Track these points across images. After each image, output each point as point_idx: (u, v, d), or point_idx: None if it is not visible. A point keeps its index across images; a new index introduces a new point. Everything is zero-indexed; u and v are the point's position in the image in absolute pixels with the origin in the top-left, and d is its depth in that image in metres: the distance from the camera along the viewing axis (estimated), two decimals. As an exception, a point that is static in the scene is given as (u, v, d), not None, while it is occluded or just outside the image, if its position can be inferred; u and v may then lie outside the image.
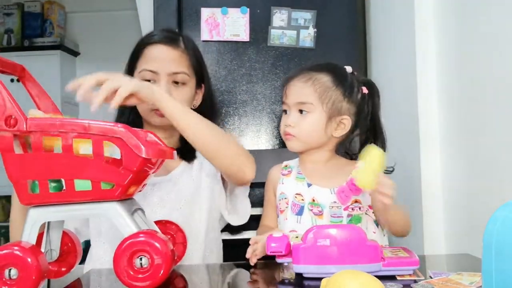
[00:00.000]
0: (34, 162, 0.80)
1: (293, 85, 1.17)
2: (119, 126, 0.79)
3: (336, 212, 1.11)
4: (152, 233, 0.80)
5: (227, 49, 1.79)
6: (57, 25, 3.99)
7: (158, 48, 1.19)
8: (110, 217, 0.82)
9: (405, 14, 1.48)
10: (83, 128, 0.79)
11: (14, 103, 0.80)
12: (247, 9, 1.78)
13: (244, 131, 1.79)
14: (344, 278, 0.64)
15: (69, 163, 0.79)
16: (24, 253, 0.76)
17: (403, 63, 1.51)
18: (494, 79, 1.13)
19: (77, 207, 0.82)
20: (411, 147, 1.44)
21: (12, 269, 0.76)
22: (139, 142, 0.78)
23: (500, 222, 0.57)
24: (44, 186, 0.80)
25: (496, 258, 0.57)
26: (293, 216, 1.13)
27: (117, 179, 0.79)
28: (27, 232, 0.81)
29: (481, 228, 0.60)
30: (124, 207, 0.82)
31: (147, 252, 0.77)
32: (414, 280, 0.84)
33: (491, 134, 1.15)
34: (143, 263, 0.77)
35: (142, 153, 0.78)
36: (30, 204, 0.82)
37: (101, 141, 0.79)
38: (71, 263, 0.95)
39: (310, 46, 1.78)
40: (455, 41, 1.31)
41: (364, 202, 1.14)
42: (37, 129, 0.79)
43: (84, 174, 0.79)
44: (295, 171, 1.20)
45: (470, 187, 1.24)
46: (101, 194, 0.80)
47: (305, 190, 1.15)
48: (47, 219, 0.84)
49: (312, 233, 0.86)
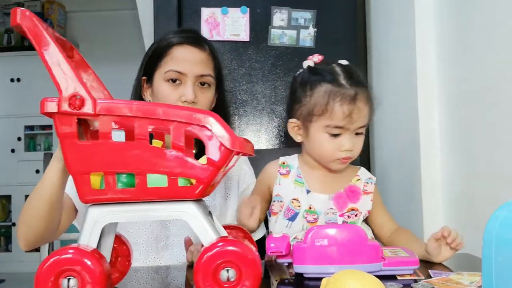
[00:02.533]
0: (101, 152, 0.68)
1: (358, 109, 1.05)
2: (206, 114, 0.69)
3: (331, 218, 1.10)
4: (237, 241, 0.68)
5: (227, 49, 1.79)
6: (57, 24, 3.99)
7: (186, 49, 1.17)
8: (187, 220, 0.70)
9: (405, 13, 1.48)
10: (163, 113, 0.67)
11: (80, 80, 0.67)
12: (247, 8, 1.78)
13: (244, 131, 1.79)
14: (344, 278, 0.64)
15: (143, 154, 0.68)
16: (85, 258, 0.65)
17: (403, 62, 1.51)
18: (494, 79, 1.13)
19: (148, 206, 0.70)
20: (411, 147, 1.44)
21: (71, 278, 0.65)
22: (227, 133, 0.68)
23: (500, 222, 0.57)
24: (111, 181, 0.69)
25: (496, 258, 0.57)
26: (284, 220, 1.10)
27: (199, 174, 0.68)
28: (86, 234, 0.69)
29: (481, 228, 0.60)
30: (200, 208, 0.71)
31: (232, 263, 0.66)
32: (414, 280, 0.83)
33: (491, 134, 1.15)
34: (230, 276, 0.67)
35: (230, 144, 0.67)
36: (93, 202, 0.71)
37: (182, 129, 0.68)
38: (124, 269, 0.84)
39: (310, 45, 1.78)
40: (455, 41, 1.31)
41: (361, 209, 1.12)
42: (108, 112, 0.67)
43: (161, 168, 0.68)
44: (294, 173, 1.14)
45: (470, 187, 1.24)
46: (178, 192, 0.69)
47: (303, 197, 1.11)
48: (111, 220, 0.71)
49: (313, 233, 0.86)
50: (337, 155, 1.07)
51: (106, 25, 4.06)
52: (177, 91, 1.15)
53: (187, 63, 1.16)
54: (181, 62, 1.16)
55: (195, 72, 1.16)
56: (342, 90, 1.04)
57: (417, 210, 1.40)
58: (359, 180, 1.15)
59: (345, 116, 1.03)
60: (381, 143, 1.79)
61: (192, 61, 1.16)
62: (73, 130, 0.68)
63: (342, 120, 1.04)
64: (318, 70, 1.11)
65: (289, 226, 1.09)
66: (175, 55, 1.17)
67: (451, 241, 0.95)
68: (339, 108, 1.03)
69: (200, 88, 1.17)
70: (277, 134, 1.79)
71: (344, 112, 1.03)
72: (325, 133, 1.06)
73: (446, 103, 1.35)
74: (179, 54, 1.17)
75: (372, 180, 1.15)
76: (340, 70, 1.08)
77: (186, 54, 1.17)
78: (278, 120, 1.80)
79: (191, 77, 1.15)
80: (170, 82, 1.15)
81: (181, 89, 1.15)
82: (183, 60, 1.16)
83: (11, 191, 3.93)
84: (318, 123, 1.06)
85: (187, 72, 1.15)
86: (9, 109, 3.94)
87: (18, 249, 3.80)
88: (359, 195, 1.13)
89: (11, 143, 3.97)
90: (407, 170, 1.49)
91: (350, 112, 1.03)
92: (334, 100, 1.04)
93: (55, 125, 0.69)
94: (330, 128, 1.05)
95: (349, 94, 1.04)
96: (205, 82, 1.18)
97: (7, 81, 3.95)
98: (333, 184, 1.13)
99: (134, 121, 0.68)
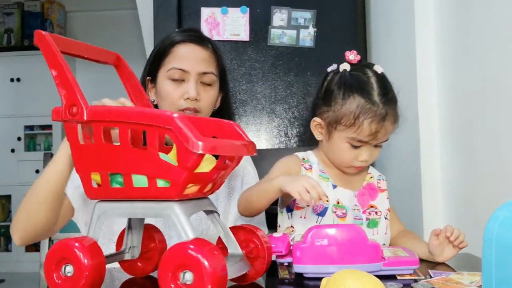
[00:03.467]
0: (95, 154, 0.74)
1: (386, 128, 1.06)
2: (173, 114, 0.68)
3: (357, 214, 1.10)
4: (203, 246, 0.67)
5: (227, 49, 1.79)
6: (57, 24, 3.99)
7: (189, 47, 1.18)
8: (167, 219, 0.73)
9: (405, 13, 1.48)
10: (136, 116, 0.70)
11: (78, 90, 0.74)
12: (247, 8, 1.78)
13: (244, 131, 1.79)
14: (344, 278, 0.64)
15: (125, 156, 0.72)
16: (79, 249, 0.71)
17: (403, 62, 1.51)
18: (494, 79, 1.13)
19: (135, 204, 0.75)
20: (411, 147, 1.44)
21: (68, 265, 0.71)
22: (192, 135, 0.66)
23: (500, 222, 0.57)
24: (105, 179, 0.74)
25: (496, 257, 0.57)
26: (314, 216, 1.09)
27: (173, 176, 0.70)
28: (92, 226, 0.76)
29: (481, 228, 0.60)
30: (184, 209, 0.72)
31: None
32: (414, 280, 0.83)
33: (491, 134, 1.15)
34: (187, 278, 0.66)
35: (195, 148, 0.66)
36: (93, 198, 0.77)
37: (156, 131, 0.70)
38: (156, 261, 0.87)
39: (310, 45, 1.78)
40: (455, 41, 1.31)
41: (380, 207, 1.13)
42: (95, 118, 0.73)
43: (140, 169, 0.71)
44: (316, 168, 1.13)
45: (470, 187, 1.24)
46: (157, 192, 0.71)
47: (330, 192, 1.10)
48: (109, 215, 0.77)
49: (312, 232, 0.86)
50: (354, 164, 1.09)
51: (106, 25, 4.06)
52: (179, 89, 1.15)
53: (189, 60, 1.16)
54: (184, 60, 1.16)
55: (198, 69, 1.16)
56: (374, 108, 1.03)
57: (417, 210, 1.40)
58: (372, 177, 1.17)
59: (371, 133, 1.04)
60: (381, 143, 1.79)
61: (194, 59, 1.16)
62: (75, 133, 0.75)
63: (367, 136, 1.04)
64: (354, 78, 1.08)
65: (319, 222, 1.08)
66: (177, 53, 1.17)
67: (454, 239, 0.95)
68: (367, 126, 1.03)
69: (203, 87, 1.17)
70: (277, 134, 1.79)
71: (371, 130, 1.04)
72: (347, 143, 1.07)
73: (446, 103, 1.35)
74: (182, 52, 1.17)
75: (383, 177, 1.19)
76: (376, 83, 1.07)
77: (188, 52, 1.17)
78: (278, 120, 1.80)
79: (193, 74, 1.15)
80: (173, 80, 1.15)
81: (184, 86, 1.15)
82: (185, 58, 1.16)
83: (11, 191, 3.93)
84: (343, 133, 1.06)
85: (190, 69, 1.15)
86: (9, 109, 3.94)
87: (17, 249, 3.80)
88: (377, 192, 1.15)
89: (11, 143, 3.97)
90: (407, 170, 1.49)
91: (377, 131, 1.04)
92: (364, 117, 1.03)
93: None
94: (354, 141, 1.06)
95: (380, 113, 1.04)
96: (207, 80, 1.17)
97: (7, 81, 3.95)
98: (351, 181, 1.14)
99: (117, 125, 0.72)
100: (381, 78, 1.08)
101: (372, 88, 1.06)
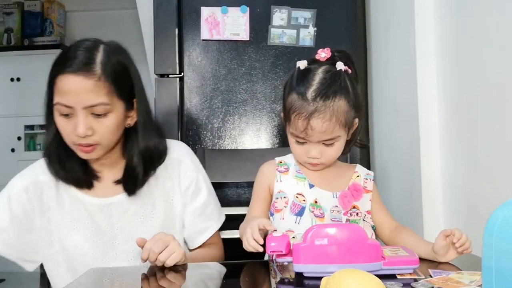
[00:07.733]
0: None
1: (313, 126, 1.03)
2: None
3: (336, 216, 1.10)
4: None
5: (227, 48, 1.79)
6: (57, 24, 3.99)
7: (69, 80, 1.04)
8: None
9: (405, 13, 1.48)
10: None
11: None
12: (247, 8, 1.78)
13: (244, 130, 1.79)
14: (344, 277, 0.64)
15: None
16: None
17: (403, 62, 1.51)
18: (494, 78, 1.13)
19: None
20: (411, 147, 1.43)
21: None
22: None
23: (500, 221, 0.57)
24: None
25: (496, 257, 0.57)
26: (292, 216, 1.10)
27: None
28: None
29: (481, 227, 0.60)
30: None
31: None
32: (414, 279, 0.83)
33: (491, 133, 1.15)
34: None
35: None
36: None
37: None
38: None
39: (310, 45, 1.78)
40: (455, 40, 1.31)
41: (361, 208, 1.13)
42: None
43: None
44: (293, 169, 1.15)
45: (470, 186, 1.24)
46: None
47: (307, 191, 1.11)
48: None
49: (312, 232, 0.86)
50: (306, 160, 1.10)
51: (106, 25, 4.05)
52: (71, 123, 1.06)
53: (72, 95, 1.04)
54: (66, 95, 1.05)
55: (83, 103, 1.04)
56: (303, 104, 1.04)
57: (417, 210, 1.40)
58: (359, 176, 1.16)
59: (300, 131, 1.05)
60: (381, 143, 1.79)
61: (76, 93, 1.04)
62: None
63: (300, 133, 1.06)
64: (301, 75, 1.09)
65: (298, 222, 1.09)
66: (59, 87, 1.06)
67: (459, 245, 0.94)
68: (296, 122, 1.05)
69: (95, 118, 1.06)
70: (277, 134, 1.79)
71: (298, 127, 1.05)
72: (293, 139, 1.10)
73: (446, 103, 1.35)
74: (63, 85, 1.05)
75: (370, 176, 1.17)
76: (319, 80, 1.05)
77: (69, 85, 1.04)
78: (278, 119, 1.80)
79: (79, 110, 1.05)
80: (63, 115, 1.07)
81: (75, 121, 1.06)
82: (67, 92, 1.05)
83: (11, 190, 3.92)
84: (288, 127, 1.10)
85: (74, 104, 1.05)
86: (9, 109, 3.93)
87: (18, 249, 3.79)
88: (361, 192, 1.14)
89: (11, 142, 3.97)
90: (407, 170, 1.49)
91: (304, 128, 1.04)
92: (293, 113, 1.06)
93: None
94: (295, 137, 1.09)
95: (306, 110, 1.03)
96: (97, 112, 1.06)
97: (7, 81, 3.95)
98: (334, 181, 1.14)
99: None
100: (331, 73, 1.06)
101: (310, 85, 1.05)
